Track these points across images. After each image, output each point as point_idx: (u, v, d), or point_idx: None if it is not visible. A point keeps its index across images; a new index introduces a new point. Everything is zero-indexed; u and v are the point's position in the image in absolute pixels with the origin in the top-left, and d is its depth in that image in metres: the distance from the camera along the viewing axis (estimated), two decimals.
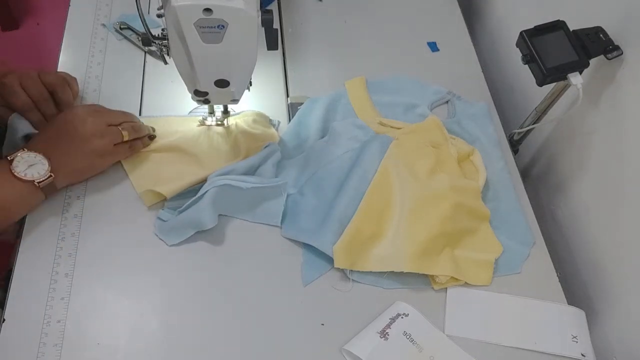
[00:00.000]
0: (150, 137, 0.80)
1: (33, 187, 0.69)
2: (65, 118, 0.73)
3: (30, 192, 0.69)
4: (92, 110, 0.75)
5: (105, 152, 0.74)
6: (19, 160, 0.68)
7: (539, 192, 0.96)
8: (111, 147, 0.74)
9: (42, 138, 0.72)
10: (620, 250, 0.77)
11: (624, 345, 0.75)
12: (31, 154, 0.69)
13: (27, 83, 0.77)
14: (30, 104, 0.78)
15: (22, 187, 0.68)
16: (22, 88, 0.77)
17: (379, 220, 0.75)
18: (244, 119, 0.84)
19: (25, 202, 0.70)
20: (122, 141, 0.75)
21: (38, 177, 0.68)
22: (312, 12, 1.05)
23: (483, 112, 0.93)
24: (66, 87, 0.81)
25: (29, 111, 0.78)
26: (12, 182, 0.67)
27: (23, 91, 0.77)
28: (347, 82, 0.94)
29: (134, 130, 0.77)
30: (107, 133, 0.74)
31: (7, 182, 0.67)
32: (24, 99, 0.77)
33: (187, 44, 0.65)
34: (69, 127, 0.72)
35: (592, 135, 0.82)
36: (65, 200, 0.75)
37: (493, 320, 0.72)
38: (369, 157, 0.78)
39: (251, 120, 0.84)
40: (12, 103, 0.77)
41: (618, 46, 0.73)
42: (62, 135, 0.72)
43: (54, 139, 0.72)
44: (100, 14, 0.97)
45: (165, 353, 0.65)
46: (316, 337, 0.68)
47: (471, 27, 1.11)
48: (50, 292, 0.68)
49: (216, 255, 0.73)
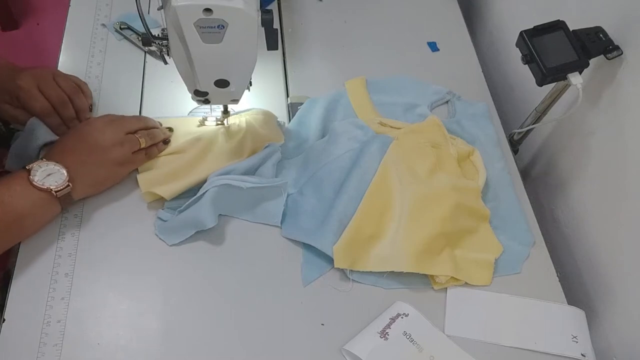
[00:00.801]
0: (165, 142, 0.80)
1: (50, 197, 0.68)
2: (83, 129, 0.73)
3: (47, 201, 0.68)
4: (108, 120, 0.75)
5: (125, 161, 0.74)
6: (37, 170, 0.67)
7: (539, 192, 0.96)
8: (130, 155, 0.75)
9: (60, 148, 0.72)
10: (620, 250, 0.77)
11: (624, 345, 0.75)
12: (50, 163, 0.68)
13: (45, 86, 0.77)
14: (49, 109, 0.77)
15: (39, 197, 0.67)
16: (40, 91, 0.77)
17: (379, 220, 0.75)
18: (254, 116, 0.83)
19: (42, 212, 0.69)
20: (139, 148, 0.75)
21: (56, 187, 0.68)
22: (312, 12, 1.05)
23: (483, 112, 0.93)
24: (80, 93, 0.81)
25: (48, 116, 0.78)
26: (30, 191, 0.67)
27: (41, 95, 0.77)
28: (347, 82, 0.94)
29: (150, 137, 0.77)
30: (126, 141, 0.74)
31: (25, 190, 0.67)
32: (44, 103, 0.77)
33: (187, 44, 0.65)
34: (88, 138, 0.72)
35: (592, 135, 0.82)
36: None
37: (493, 320, 0.72)
38: (369, 157, 0.78)
39: (262, 120, 0.83)
40: (31, 107, 0.77)
41: (618, 46, 0.73)
42: (81, 146, 0.72)
43: (72, 150, 0.72)
44: (100, 14, 0.97)
45: (165, 353, 0.65)
46: (316, 337, 0.68)
47: (471, 27, 1.11)
48: (50, 292, 0.68)
49: (216, 255, 0.73)
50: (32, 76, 0.77)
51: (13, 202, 0.66)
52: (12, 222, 0.66)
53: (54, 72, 0.80)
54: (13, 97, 0.77)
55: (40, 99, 0.77)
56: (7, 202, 0.65)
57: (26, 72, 0.78)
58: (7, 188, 0.66)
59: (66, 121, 0.79)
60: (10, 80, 0.77)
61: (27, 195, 0.67)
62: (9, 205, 0.65)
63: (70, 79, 0.82)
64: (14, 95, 0.77)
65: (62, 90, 0.78)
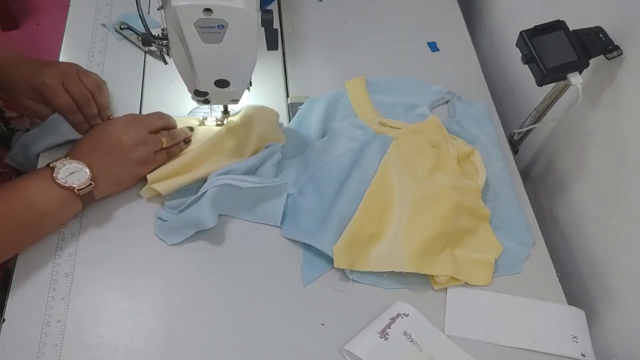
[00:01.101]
0: (186, 141, 0.80)
1: (72, 195, 0.68)
2: (106, 129, 0.74)
3: (69, 199, 0.69)
4: (131, 119, 0.76)
5: (147, 160, 0.75)
6: (60, 168, 0.68)
7: (539, 192, 0.96)
8: (152, 155, 0.75)
9: (84, 147, 0.72)
10: (620, 250, 0.77)
11: (624, 345, 0.75)
12: (73, 161, 0.69)
13: (70, 84, 0.77)
14: (73, 106, 0.78)
15: (62, 194, 0.68)
16: (64, 89, 0.77)
17: (379, 220, 0.75)
18: (259, 113, 0.82)
19: (64, 209, 0.70)
20: (161, 148, 0.76)
21: (78, 185, 0.68)
22: (312, 12, 1.05)
23: (483, 112, 0.93)
24: (102, 91, 0.81)
25: (71, 113, 0.78)
26: (53, 188, 0.67)
27: (66, 92, 0.77)
28: (347, 82, 0.94)
29: (171, 137, 0.77)
30: (149, 141, 0.74)
31: (48, 188, 0.67)
32: (67, 100, 0.77)
33: (187, 44, 0.65)
34: (112, 138, 0.72)
35: (592, 135, 0.82)
36: None
37: (493, 320, 0.72)
38: (369, 157, 0.78)
39: (265, 119, 0.82)
40: (55, 104, 0.77)
41: (618, 46, 0.73)
42: (104, 145, 0.72)
43: (95, 149, 0.72)
44: (100, 14, 0.97)
45: (165, 353, 0.65)
46: (316, 337, 0.68)
47: (471, 27, 1.11)
48: (50, 292, 0.68)
49: (216, 255, 0.73)
50: (58, 73, 0.77)
51: (36, 200, 0.66)
52: (34, 219, 0.67)
53: (78, 69, 0.80)
54: (37, 93, 0.77)
55: (65, 96, 0.77)
56: (30, 199, 0.66)
57: (51, 69, 0.78)
58: (30, 185, 0.67)
59: (88, 119, 0.79)
60: (35, 75, 0.77)
61: (50, 193, 0.67)
62: (32, 202, 0.66)
63: (92, 77, 0.82)
64: (38, 91, 0.77)
65: (86, 88, 0.79)
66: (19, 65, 0.78)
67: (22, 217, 0.66)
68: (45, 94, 0.77)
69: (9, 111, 0.84)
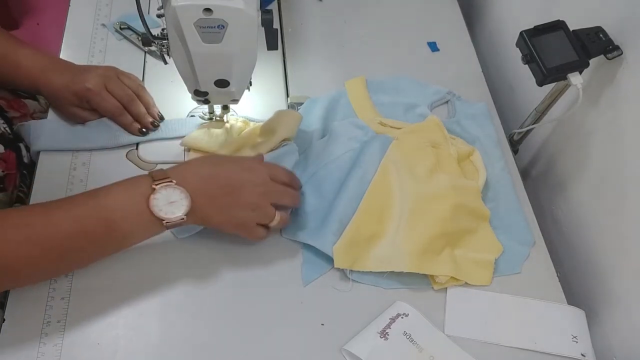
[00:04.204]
0: None
1: (160, 223, 0.64)
2: (241, 165, 0.69)
3: (155, 227, 0.64)
4: (272, 166, 0.72)
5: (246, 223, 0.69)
6: (161, 193, 0.63)
7: (539, 192, 0.96)
8: (255, 221, 0.69)
9: (197, 175, 0.66)
10: (620, 250, 0.77)
11: (624, 345, 0.75)
12: (176, 190, 0.63)
13: (113, 86, 0.77)
14: (120, 108, 0.78)
15: (150, 221, 0.63)
16: (108, 92, 0.77)
17: (379, 220, 0.75)
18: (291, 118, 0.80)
19: (146, 234, 0.66)
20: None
21: (168, 219, 0.63)
22: (312, 12, 1.05)
23: (483, 112, 0.93)
24: (144, 89, 0.82)
25: (120, 115, 0.78)
26: (145, 215, 0.63)
27: (111, 95, 0.77)
28: (347, 82, 0.94)
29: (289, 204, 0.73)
30: (263, 207, 0.68)
31: (140, 214, 0.62)
32: (115, 103, 0.77)
33: (187, 44, 0.65)
34: (231, 181, 0.66)
35: (592, 135, 0.82)
36: None
37: (493, 320, 0.72)
38: (369, 157, 0.78)
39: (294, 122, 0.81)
40: (103, 108, 0.77)
41: (618, 46, 0.73)
42: (220, 190, 0.66)
43: (208, 183, 0.66)
44: (100, 14, 0.97)
45: (165, 353, 0.65)
46: (316, 337, 0.68)
47: (471, 27, 1.11)
48: (50, 292, 0.68)
49: (216, 255, 0.73)
50: (99, 77, 0.77)
51: (123, 226, 0.63)
52: (115, 240, 0.64)
53: (117, 70, 0.80)
54: (82, 100, 0.77)
55: (111, 100, 0.77)
56: (118, 221, 0.62)
57: (91, 74, 0.77)
58: (123, 207, 0.62)
59: (137, 118, 0.79)
60: (77, 83, 0.76)
61: (140, 219, 0.63)
62: (119, 225, 0.62)
63: (131, 77, 0.82)
64: (83, 98, 0.77)
65: (129, 88, 0.79)
66: (58, 75, 0.77)
67: (100, 238, 0.63)
68: (91, 100, 0.76)
69: (12, 111, 0.84)
